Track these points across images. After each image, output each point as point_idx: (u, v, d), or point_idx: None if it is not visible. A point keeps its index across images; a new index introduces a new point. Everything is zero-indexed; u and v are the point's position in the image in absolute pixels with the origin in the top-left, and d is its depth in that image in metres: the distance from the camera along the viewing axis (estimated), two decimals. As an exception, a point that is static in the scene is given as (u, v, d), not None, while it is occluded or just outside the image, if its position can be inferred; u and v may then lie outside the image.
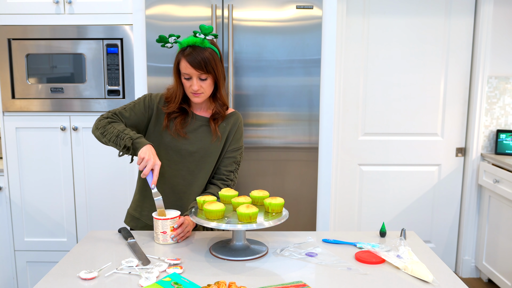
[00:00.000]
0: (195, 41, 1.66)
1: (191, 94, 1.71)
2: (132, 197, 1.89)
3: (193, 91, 1.68)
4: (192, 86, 1.68)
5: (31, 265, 2.74)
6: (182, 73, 1.69)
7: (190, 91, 1.70)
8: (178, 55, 1.70)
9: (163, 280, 1.32)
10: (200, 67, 1.65)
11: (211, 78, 1.69)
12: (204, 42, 1.67)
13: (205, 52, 1.65)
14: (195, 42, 1.66)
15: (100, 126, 1.69)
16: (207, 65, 1.65)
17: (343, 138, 3.21)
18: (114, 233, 1.74)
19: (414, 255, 1.51)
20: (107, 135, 1.66)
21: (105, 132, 1.67)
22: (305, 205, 2.57)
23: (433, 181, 3.28)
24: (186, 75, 1.68)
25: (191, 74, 1.67)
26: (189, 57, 1.65)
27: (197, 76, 1.67)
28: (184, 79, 1.70)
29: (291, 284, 1.32)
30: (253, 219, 1.45)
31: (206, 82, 1.69)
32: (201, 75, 1.67)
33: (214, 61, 1.67)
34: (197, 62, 1.64)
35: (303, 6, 2.43)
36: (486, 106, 3.12)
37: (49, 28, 2.56)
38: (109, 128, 1.67)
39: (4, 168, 2.66)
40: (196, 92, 1.69)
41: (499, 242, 2.93)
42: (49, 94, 2.60)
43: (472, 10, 3.10)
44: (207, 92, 1.72)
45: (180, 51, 1.69)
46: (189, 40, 1.67)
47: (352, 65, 3.14)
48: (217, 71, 1.69)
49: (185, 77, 1.69)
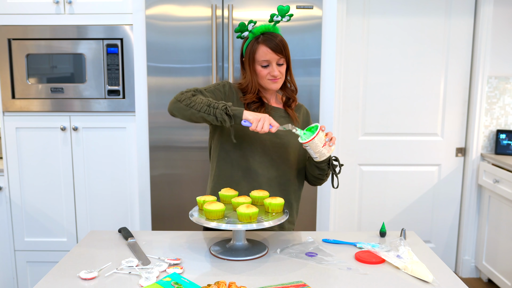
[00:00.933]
0: (268, 28, 1.69)
1: (268, 81, 1.70)
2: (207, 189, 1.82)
3: (273, 77, 1.69)
4: (273, 72, 1.68)
5: (31, 265, 2.74)
6: (260, 61, 1.68)
7: (268, 78, 1.69)
8: (251, 44, 1.69)
9: (163, 280, 1.32)
10: (280, 51, 1.67)
11: (285, 63, 1.72)
12: (275, 28, 1.71)
13: (279, 37, 1.69)
14: (268, 29, 1.69)
15: (183, 99, 1.58)
16: (285, 48, 1.69)
17: (343, 138, 3.21)
18: (114, 233, 1.74)
19: (414, 255, 1.51)
20: (195, 106, 1.55)
21: (192, 103, 1.56)
22: (305, 205, 2.57)
23: (433, 181, 3.28)
24: (265, 62, 1.68)
25: (270, 60, 1.67)
26: (268, 42, 1.66)
27: (276, 61, 1.68)
28: (261, 67, 1.69)
29: (291, 284, 1.32)
30: (253, 219, 1.45)
31: (283, 67, 1.71)
32: (279, 60, 1.68)
33: (287, 46, 1.71)
34: (276, 46, 1.66)
35: (303, 6, 2.43)
36: (486, 106, 3.12)
37: (49, 28, 2.56)
38: (196, 99, 1.57)
39: (4, 168, 2.66)
40: (275, 78, 1.69)
41: (499, 242, 2.93)
42: (49, 94, 2.60)
43: (472, 10, 3.10)
44: (283, 77, 1.73)
45: (253, 40, 1.69)
46: (262, 27, 1.69)
47: (352, 65, 3.14)
48: (289, 55, 1.72)
49: (263, 65, 1.68)
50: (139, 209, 2.62)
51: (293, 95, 1.80)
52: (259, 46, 1.67)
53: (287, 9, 1.69)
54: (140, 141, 2.56)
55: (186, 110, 1.57)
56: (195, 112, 1.55)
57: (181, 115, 1.60)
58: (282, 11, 1.69)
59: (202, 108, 1.54)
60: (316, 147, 1.57)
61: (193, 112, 1.56)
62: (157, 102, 2.48)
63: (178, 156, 2.54)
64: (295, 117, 1.78)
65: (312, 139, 1.55)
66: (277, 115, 1.76)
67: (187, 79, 2.48)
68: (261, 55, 1.67)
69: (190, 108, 1.56)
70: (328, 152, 1.59)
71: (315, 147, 1.58)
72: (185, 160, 2.54)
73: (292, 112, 1.78)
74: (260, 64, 1.68)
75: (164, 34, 2.45)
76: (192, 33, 2.45)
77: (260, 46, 1.67)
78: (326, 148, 1.58)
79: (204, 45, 2.46)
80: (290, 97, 1.79)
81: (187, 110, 1.57)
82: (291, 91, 1.79)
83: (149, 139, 2.53)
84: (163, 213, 2.57)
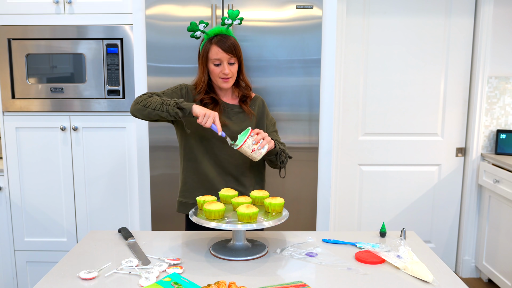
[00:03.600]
0: (221, 30, 1.84)
1: (220, 80, 1.84)
2: (180, 187, 1.96)
3: (224, 76, 1.82)
4: (224, 70, 1.81)
5: (31, 265, 2.74)
6: (212, 59, 1.81)
7: (220, 76, 1.83)
8: (206, 44, 1.84)
9: (163, 280, 1.32)
10: (230, 51, 1.80)
11: (237, 63, 1.85)
12: (228, 31, 1.85)
13: (231, 39, 1.83)
14: (221, 31, 1.84)
15: (140, 101, 1.75)
16: (236, 49, 1.83)
17: (343, 138, 3.21)
18: (114, 233, 1.74)
19: (414, 255, 1.51)
20: (151, 105, 1.71)
21: (148, 103, 1.72)
22: (305, 205, 2.57)
23: (433, 181, 3.28)
24: (216, 60, 1.81)
25: (222, 59, 1.81)
26: (219, 43, 1.80)
27: (227, 60, 1.81)
28: (214, 65, 1.82)
29: (291, 284, 1.32)
30: (253, 219, 1.45)
31: (234, 66, 1.84)
32: (230, 59, 1.82)
33: (239, 47, 1.85)
34: (227, 47, 1.80)
35: (303, 6, 2.43)
36: (486, 106, 3.12)
37: (49, 28, 2.56)
38: (151, 99, 1.74)
39: (4, 168, 2.66)
40: (226, 76, 1.82)
41: (499, 242, 2.93)
42: (49, 94, 2.60)
43: (472, 10, 3.10)
44: (235, 76, 1.87)
45: (208, 41, 1.84)
46: (216, 30, 1.84)
47: (352, 65, 3.14)
48: (241, 56, 1.87)
49: (215, 63, 1.82)
50: (139, 209, 2.62)
51: (247, 92, 1.94)
52: (212, 46, 1.82)
53: (237, 13, 1.84)
54: (140, 141, 2.56)
55: (144, 110, 1.73)
56: (151, 111, 1.72)
57: (140, 115, 1.76)
58: (232, 15, 1.84)
59: (157, 107, 1.71)
60: (246, 152, 1.72)
61: (149, 111, 1.72)
62: (157, 102, 2.48)
63: (178, 156, 2.53)
64: (250, 111, 1.92)
65: (240, 147, 1.69)
66: (233, 111, 1.91)
67: (187, 79, 2.48)
68: (214, 53, 1.81)
69: (147, 108, 1.72)
70: (258, 155, 1.72)
71: (245, 153, 1.72)
72: (185, 160, 2.54)
73: (247, 108, 1.92)
74: (213, 63, 1.82)
75: (164, 34, 2.45)
76: (192, 33, 2.45)
77: (212, 46, 1.81)
78: (256, 152, 1.71)
79: (204, 45, 2.45)
80: (244, 94, 1.93)
81: (144, 110, 1.73)
82: (244, 88, 1.94)
83: (149, 139, 2.53)
84: (163, 213, 2.57)
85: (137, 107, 1.75)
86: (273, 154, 1.84)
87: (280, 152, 1.85)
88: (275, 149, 1.83)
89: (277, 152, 1.85)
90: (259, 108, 1.97)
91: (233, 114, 1.90)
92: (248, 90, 1.95)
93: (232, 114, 1.90)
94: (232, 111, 1.90)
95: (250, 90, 1.97)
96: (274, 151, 1.83)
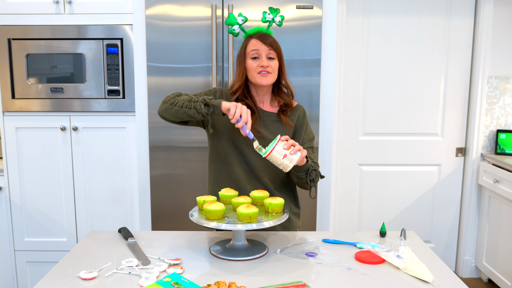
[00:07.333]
0: (261, 30, 1.74)
1: (258, 75, 1.69)
2: (207, 190, 1.84)
3: (262, 69, 1.68)
4: (262, 63, 1.68)
5: (31, 265, 2.74)
6: (251, 52, 1.70)
7: (258, 70, 1.69)
8: (244, 41, 1.74)
9: (163, 280, 1.32)
10: (269, 43, 1.69)
11: (277, 61, 1.71)
12: (269, 31, 1.75)
13: (272, 37, 1.73)
14: (261, 31, 1.74)
15: (168, 99, 1.66)
16: (276, 43, 1.71)
17: (343, 138, 3.21)
18: (114, 233, 1.74)
19: (414, 255, 1.51)
20: (178, 103, 1.62)
21: (175, 101, 1.63)
22: (305, 205, 2.57)
23: (433, 181, 3.28)
24: (254, 53, 1.69)
25: (260, 50, 1.68)
26: (259, 36, 1.71)
27: (266, 52, 1.69)
28: (252, 59, 1.70)
29: (291, 284, 1.32)
30: (253, 219, 1.45)
31: (274, 62, 1.70)
32: (269, 54, 1.69)
33: (280, 46, 1.73)
34: (266, 38, 1.70)
35: (303, 6, 2.43)
36: (486, 106, 3.12)
37: (49, 28, 2.56)
38: (179, 97, 1.64)
39: (4, 168, 2.66)
40: (265, 69, 1.68)
41: (499, 242, 2.93)
42: (49, 94, 2.60)
43: (472, 10, 3.10)
44: (274, 73, 1.71)
45: (248, 37, 1.74)
46: (256, 29, 1.75)
47: (352, 65, 3.14)
48: (282, 55, 1.74)
49: (254, 56, 1.70)
50: (139, 209, 2.62)
51: (288, 100, 1.78)
52: (250, 40, 1.72)
53: (278, 11, 1.76)
54: (140, 141, 2.56)
55: (171, 109, 1.64)
56: (178, 109, 1.62)
57: (168, 114, 1.66)
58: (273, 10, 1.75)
59: (184, 104, 1.60)
60: (277, 159, 1.55)
61: (177, 109, 1.62)
62: (157, 102, 2.48)
63: (178, 156, 2.54)
64: (288, 123, 1.76)
65: (270, 153, 1.54)
66: (270, 119, 1.76)
67: (187, 79, 2.48)
68: (252, 46, 1.70)
69: (174, 106, 1.63)
70: (291, 162, 1.55)
71: (275, 160, 1.56)
72: (185, 160, 2.54)
73: (285, 119, 1.75)
74: (251, 57, 1.70)
75: (164, 34, 2.45)
76: (192, 33, 2.45)
77: (251, 40, 1.71)
78: (288, 158, 1.54)
79: (204, 45, 2.45)
80: (286, 102, 1.77)
81: (171, 109, 1.64)
82: (286, 95, 1.78)
83: (149, 139, 2.53)
84: (163, 213, 2.57)
85: (164, 106, 1.66)
86: (303, 170, 1.67)
87: (312, 169, 1.68)
88: (306, 164, 1.66)
89: (308, 169, 1.67)
90: (299, 119, 1.80)
91: (270, 122, 1.74)
92: (290, 97, 1.78)
93: (269, 123, 1.74)
94: (270, 119, 1.75)
95: (293, 98, 1.80)
96: (305, 166, 1.66)
